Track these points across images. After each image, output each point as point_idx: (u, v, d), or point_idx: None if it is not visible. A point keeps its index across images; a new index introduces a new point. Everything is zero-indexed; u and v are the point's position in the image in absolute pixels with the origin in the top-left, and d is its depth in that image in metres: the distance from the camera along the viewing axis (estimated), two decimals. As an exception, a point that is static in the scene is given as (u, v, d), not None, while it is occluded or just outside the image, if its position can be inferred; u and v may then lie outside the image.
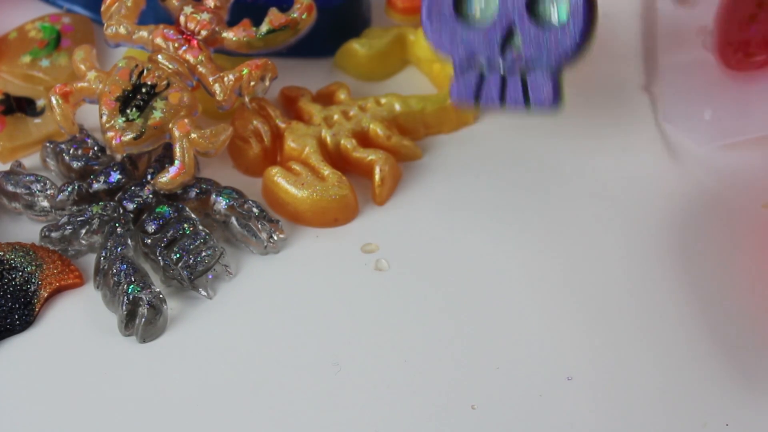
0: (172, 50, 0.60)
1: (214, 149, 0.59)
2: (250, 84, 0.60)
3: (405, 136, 0.63)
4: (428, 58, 0.65)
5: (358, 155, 0.61)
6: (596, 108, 0.65)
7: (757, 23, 0.63)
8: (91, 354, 0.55)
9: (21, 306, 0.56)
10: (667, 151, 0.63)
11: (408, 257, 0.59)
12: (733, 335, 0.56)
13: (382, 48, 0.66)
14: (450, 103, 0.63)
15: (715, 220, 0.60)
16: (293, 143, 0.61)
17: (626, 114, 0.65)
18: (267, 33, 0.61)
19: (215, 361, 0.55)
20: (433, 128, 0.64)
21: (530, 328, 0.56)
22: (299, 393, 0.54)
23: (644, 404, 0.54)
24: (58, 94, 0.59)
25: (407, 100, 0.63)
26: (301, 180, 0.60)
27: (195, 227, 0.58)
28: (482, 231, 0.60)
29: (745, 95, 0.62)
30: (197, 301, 0.57)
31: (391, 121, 0.63)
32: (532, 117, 0.61)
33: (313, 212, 0.59)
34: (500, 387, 0.54)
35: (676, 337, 0.56)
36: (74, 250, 0.58)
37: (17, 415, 0.53)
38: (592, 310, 0.57)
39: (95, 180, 0.59)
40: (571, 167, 0.63)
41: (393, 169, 0.61)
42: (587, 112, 0.65)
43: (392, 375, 0.54)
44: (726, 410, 0.54)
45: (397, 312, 0.57)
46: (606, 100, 0.66)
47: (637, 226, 0.60)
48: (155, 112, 0.58)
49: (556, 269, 0.58)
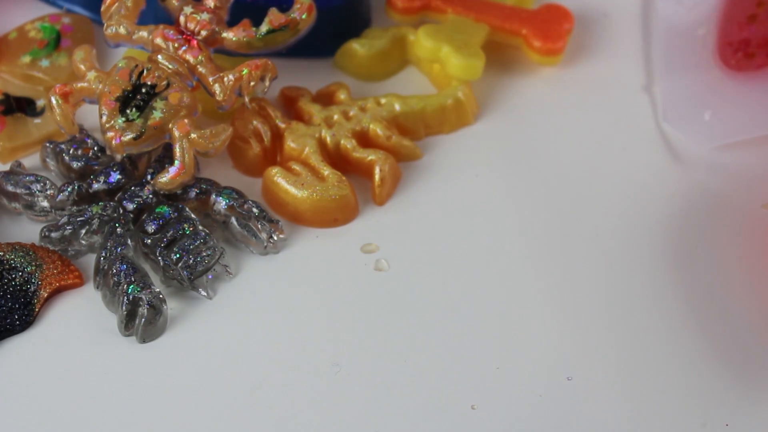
0: (172, 50, 0.60)
1: (213, 149, 0.59)
2: (250, 84, 0.60)
3: (405, 136, 0.63)
4: (428, 58, 0.65)
5: (358, 155, 0.61)
6: (596, 108, 0.65)
7: (757, 23, 0.63)
8: (91, 354, 0.55)
9: (21, 306, 0.56)
10: (667, 151, 0.63)
11: (408, 257, 0.59)
12: (733, 335, 0.56)
13: (382, 48, 0.66)
14: (450, 103, 0.63)
15: (715, 220, 0.60)
16: (293, 143, 0.61)
17: (626, 114, 0.65)
18: (267, 33, 0.61)
19: (215, 362, 0.55)
20: (433, 128, 0.64)
21: (530, 328, 0.56)
22: (299, 393, 0.54)
23: (644, 404, 0.54)
24: (58, 94, 0.59)
25: (407, 100, 0.63)
26: (301, 180, 0.60)
27: (195, 227, 0.58)
28: (482, 231, 0.60)
29: (745, 95, 0.62)
30: (197, 302, 0.57)
31: (391, 121, 0.63)
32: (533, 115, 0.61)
33: (313, 212, 0.59)
34: (500, 387, 0.54)
35: (676, 337, 0.56)
36: (74, 251, 0.58)
37: (17, 415, 0.53)
38: (592, 310, 0.57)
39: (95, 180, 0.59)
40: (571, 167, 0.63)
41: (393, 169, 0.61)
42: (587, 112, 0.65)
43: (392, 375, 0.54)
44: (726, 410, 0.54)
45: (397, 312, 0.57)
46: (606, 100, 0.66)
47: (637, 226, 0.60)
48: (155, 112, 0.58)
49: (556, 269, 0.58)
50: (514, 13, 0.66)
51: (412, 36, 0.66)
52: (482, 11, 0.66)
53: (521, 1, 0.68)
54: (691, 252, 0.59)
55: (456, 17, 0.66)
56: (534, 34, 0.66)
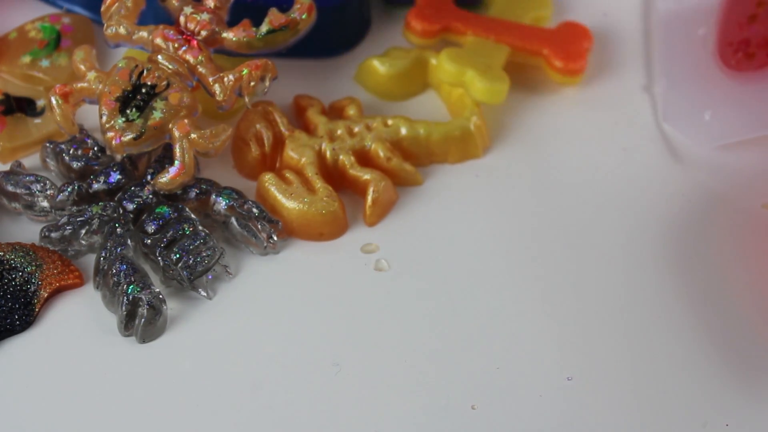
0: (172, 50, 0.60)
1: (214, 149, 0.59)
2: (250, 84, 0.59)
3: (408, 160, 0.62)
4: (451, 82, 0.64)
5: (354, 173, 0.60)
6: (596, 108, 0.65)
7: (757, 23, 0.63)
8: (91, 354, 0.55)
9: (21, 306, 0.56)
10: (667, 151, 0.63)
11: (408, 257, 0.59)
12: (733, 335, 0.56)
13: (402, 68, 0.65)
14: (457, 134, 0.62)
15: (715, 220, 0.60)
16: (292, 152, 0.61)
17: (626, 114, 0.65)
18: (267, 33, 0.60)
19: (215, 362, 0.55)
20: (437, 156, 0.63)
21: (530, 328, 0.56)
22: (299, 393, 0.54)
23: (644, 404, 0.54)
24: (58, 94, 0.58)
25: (414, 124, 0.62)
26: (291, 190, 0.59)
27: (195, 228, 0.58)
28: (482, 229, 0.60)
29: (745, 95, 0.62)
30: (197, 302, 0.57)
31: (395, 144, 0.62)
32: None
33: (299, 224, 0.59)
34: (500, 387, 0.54)
35: (676, 337, 0.56)
36: (74, 251, 0.58)
37: (17, 415, 0.53)
38: (592, 309, 0.57)
39: (95, 180, 0.59)
40: (571, 167, 0.63)
41: (388, 192, 0.60)
42: (587, 112, 0.65)
43: (392, 375, 0.54)
44: (726, 410, 0.54)
45: (397, 312, 0.57)
46: (606, 100, 0.66)
47: (637, 226, 0.60)
48: (155, 112, 0.58)
49: (556, 269, 0.58)
50: (534, 33, 0.66)
51: (434, 60, 0.65)
52: (502, 32, 0.65)
53: (538, 19, 0.68)
54: (691, 252, 0.59)
55: (476, 39, 0.65)
56: (555, 54, 0.65)
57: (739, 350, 0.55)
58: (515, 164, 0.63)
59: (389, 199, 0.61)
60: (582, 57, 0.65)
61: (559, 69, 0.65)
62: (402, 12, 0.67)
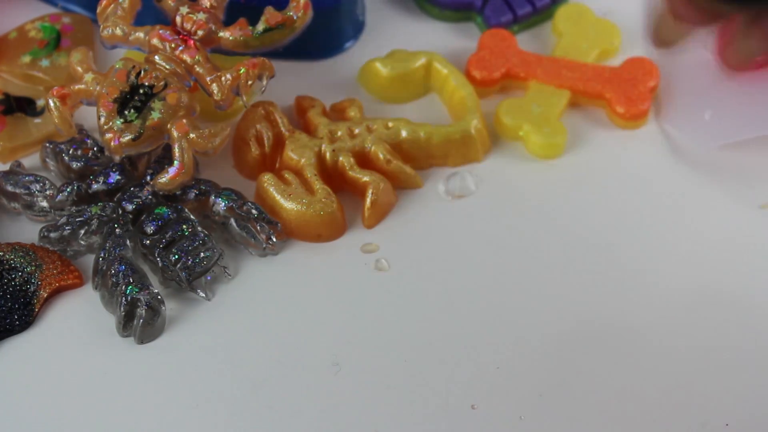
0: (169, 51, 0.60)
1: (213, 149, 0.59)
2: (247, 83, 0.59)
3: (408, 162, 0.62)
4: (451, 87, 0.64)
5: (354, 175, 0.60)
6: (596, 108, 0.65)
7: (757, 23, 0.63)
8: (90, 355, 0.55)
9: (21, 306, 0.56)
10: (667, 151, 0.63)
11: (408, 257, 0.59)
12: (733, 335, 0.56)
13: (404, 71, 0.65)
14: (457, 137, 0.62)
15: (715, 219, 0.60)
16: (292, 153, 0.61)
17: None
18: (263, 32, 0.60)
19: (214, 363, 0.55)
20: (437, 159, 0.63)
21: (530, 328, 0.56)
22: (299, 393, 0.54)
23: (644, 404, 0.54)
24: (56, 96, 0.58)
25: (415, 127, 0.62)
26: (289, 191, 0.59)
27: (194, 228, 0.58)
28: (481, 230, 0.60)
29: (745, 95, 0.62)
30: (196, 303, 0.57)
31: (395, 146, 0.62)
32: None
33: (297, 224, 0.59)
34: (500, 387, 0.54)
35: (676, 336, 0.56)
36: (73, 251, 0.58)
37: (17, 415, 0.53)
38: (592, 309, 0.57)
39: (94, 180, 0.59)
40: (571, 167, 0.63)
41: (387, 194, 0.60)
42: (587, 112, 0.65)
43: (392, 375, 0.54)
44: (726, 410, 0.54)
45: (397, 312, 0.57)
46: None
47: (636, 226, 0.60)
48: (153, 112, 0.58)
49: (555, 269, 0.58)
50: (597, 74, 0.64)
51: (438, 64, 0.65)
52: (563, 77, 0.64)
53: (605, 51, 0.66)
54: (690, 251, 0.59)
55: (537, 84, 0.64)
56: (617, 99, 0.63)
57: (739, 350, 0.55)
58: (515, 167, 0.63)
59: (388, 201, 0.61)
60: (646, 99, 0.63)
61: (621, 115, 0.63)
62: (402, 12, 0.67)
